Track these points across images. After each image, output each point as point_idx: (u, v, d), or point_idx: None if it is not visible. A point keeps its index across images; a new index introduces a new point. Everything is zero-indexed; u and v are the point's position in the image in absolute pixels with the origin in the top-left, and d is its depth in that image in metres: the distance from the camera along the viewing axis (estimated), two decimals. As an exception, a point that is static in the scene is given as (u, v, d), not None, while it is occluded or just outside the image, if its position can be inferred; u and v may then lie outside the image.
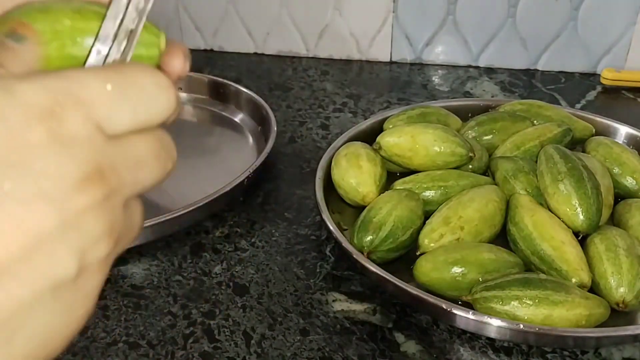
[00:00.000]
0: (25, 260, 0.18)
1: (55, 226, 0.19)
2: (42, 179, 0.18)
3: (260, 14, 1.04)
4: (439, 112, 0.74)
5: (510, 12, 0.97)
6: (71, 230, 0.19)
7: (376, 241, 0.56)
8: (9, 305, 0.18)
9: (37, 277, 0.19)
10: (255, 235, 0.64)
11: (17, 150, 0.18)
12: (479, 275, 0.53)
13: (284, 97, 0.93)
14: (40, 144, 0.19)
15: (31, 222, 0.18)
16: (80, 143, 0.19)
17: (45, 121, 0.19)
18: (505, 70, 1.01)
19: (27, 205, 0.18)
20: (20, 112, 0.19)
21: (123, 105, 0.21)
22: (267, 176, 0.74)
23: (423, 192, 0.63)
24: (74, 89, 0.20)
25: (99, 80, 0.20)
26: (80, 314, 0.21)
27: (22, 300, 0.19)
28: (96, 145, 0.20)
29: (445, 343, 0.52)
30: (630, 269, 0.52)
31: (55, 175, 0.19)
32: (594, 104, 0.92)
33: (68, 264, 0.19)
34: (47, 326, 0.20)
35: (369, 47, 1.04)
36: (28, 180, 0.18)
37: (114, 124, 0.20)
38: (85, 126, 0.20)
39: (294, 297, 0.57)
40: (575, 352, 0.51)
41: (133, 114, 0.21)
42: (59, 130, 0.19)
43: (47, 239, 0.19)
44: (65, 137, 0.19)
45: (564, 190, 0.59)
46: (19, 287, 0.18)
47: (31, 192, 0.18)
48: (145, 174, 0.22)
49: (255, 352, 0.51)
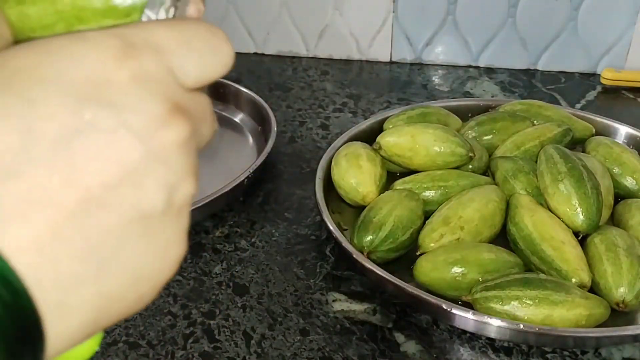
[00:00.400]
0: (112, 189, 0.18)
1: (141, 158, 0.19)
2: (124, 112, 0.18)
3: (260, 14, 1.04)
4: (439, 112, 0.74)
5: (510, 12, 0.97)
6: (158, 163, 0.19)
7: (376, 241, 0.56)
8: (97, 232, 0.18)
9: (125, 206, 0.18)
10: (255, 235, 0.64)
11: (95, 86, 0.18)
12: (479, 275, 0.53)
13: (284, 97, 0.93)
14: (119, 80, 0.19)
15: (116, 151, 0.18)
16: (158, 82, 0.19)
17: (121, 60, 0.19)
18: (505, 70, 1.01)
19: (111, 135, 0.18)
20: (95, 52, 0.19)
21: (191, 54, 0.21)
22: (267, 176, 0.74)
23: (423, 192, 0.63)
24: (145, 36, 0.20)
25: (167, 30, 0.21)
26: (170, 256, 0.21)
27: (110, 228, 0.18)
28: (173, 87, 0.20)
29: (445, 343, 0.52)
30: (630, 269, 0.52)
31: (138, 109, 0.19)
32: (594, 104, 0.92)
33: (155, 195, 0.19)
34: (137, 262, 0.19)
35: (369, 47, 1.04)
36: (110, 112, 0.18)
37: (183, 73, 0.21)
38: (160, 68, 0.20)
39: (294, 297, 0.57)
40: (575, 352, 0.51)
41: (199, 63, 0.21)
42: (135, 69, 0.19)
43: (133, 170, 0.18)
44: (142, 76, 0.19)
45: (564, 190, 0.59)
46: (106, 215, 0.18)
47: (114, 123, 0.18)
48: (205, 128, 0.22)
49: (255, 352, 0.51)
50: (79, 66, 0.18)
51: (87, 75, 0.18)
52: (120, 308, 0.20)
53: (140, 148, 0.18)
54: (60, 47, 0.18)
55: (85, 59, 0.18)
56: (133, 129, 0.18)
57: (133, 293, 0.20)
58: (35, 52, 0.18)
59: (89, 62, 0.18)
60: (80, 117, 0.18)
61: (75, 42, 0.19)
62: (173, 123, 0.19)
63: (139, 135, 0.18)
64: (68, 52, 0.18)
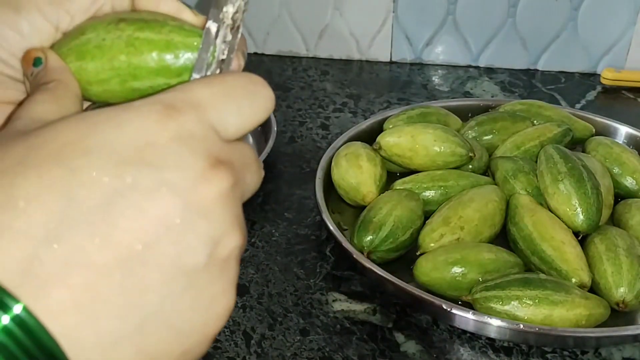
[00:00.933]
0: (153, 247, 0.19)
1: (181, 214, 0.19)
2: (164, 171, 0.19)
3: (260, 14, 1.04)
4: (439, 112, 0.74)
5: (510, 12, 0.97)
6: (198, 218, 0.19)
7: (376, 241, 0.56)
8: (138, 290, 0.19)
9: (166, 263, 0.19)
10: (255, 235, 0.64)
11: (137, 150, 0.19)
12: (479, 275, 0.53)
13: (284, 97, 0.93)
14: (159, 142, 0.20)
15: (156, 209, 0.19)
16: (199, 139, 0.20)
17: (162, 122, 0.20)
18: (505, 70, 1.01)
19: (151, 194, 0.19)
20: (138, 118, 0.20)
21: (230, 105, 0.22)
22: (267, 176, 0.73)
23: (423, 192, 0.63)
24: (185, 96, 0.21)
25: (205, 86, 0.22)
26: (216, 309, 0.21)
27: (151, 285, 0.19)
28: (213, 141, 0.21)
29: (445, 343, 0.52)
30: (630, 269, 0.52)
31: (178, 166, 0.19)
32: (594, 104, 0.91)
33: (197, 250, 0.20)
34: (180, 317, 0.20)
35: (369, 47, 1.04)
36: (150, 172, 0.19)
37: (224, 125, 0.22)
38: (200, 125, 0.21)
39: (294, 297, 0.57)
40: (575, 352, 0.51)
41: (239, 113, 0.22)
42: (175, 129, 0.20)
43: (174, 226, 0.19)
44: (183, 134, 0.20)
45: (564, 190, 0.59)
46: (147, 273, 0.19)
47: (154, 182, 0.19)
48: (251, 176, 0.23)
49: (255, 352, 0.51)
50: (122, 134, 0.19)
51: (129, 141, 0.19)
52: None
53: (180, 204, 0.19)
54: (107, 119, 0.20)
55: (128, 126, 0.20)
56: (173, 186, 0.19)
57: (177, 348, 0.20)
58: (84, 124, 0.20)
59: (132, 129, 0.20)
60: (122, 181, 0.19)
61: (120, 113, 0.20)
62: (214, 177, 0.20)
63: (179, 192, 0.19)
64: (113, 122, 0.20)
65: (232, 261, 0.21)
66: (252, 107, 0.23)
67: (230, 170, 0.21)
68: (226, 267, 0.21)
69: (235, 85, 0.22)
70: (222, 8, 0.26)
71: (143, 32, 0.26)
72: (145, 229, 0.19)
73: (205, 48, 0.26)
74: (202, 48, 0.26)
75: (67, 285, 0.18)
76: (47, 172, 0.18)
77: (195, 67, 0.26)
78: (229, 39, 0.26)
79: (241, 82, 0.23)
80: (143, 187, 0.19)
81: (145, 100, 0.21)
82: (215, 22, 0.26)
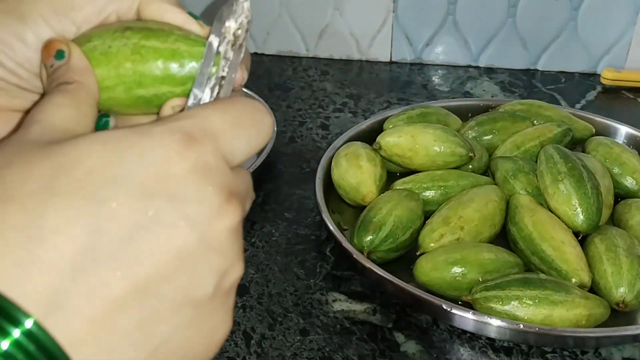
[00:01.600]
0: (168, 279, 0.20)
1: (197, 248, 0.20)
2: (184, 204, 0.20)
3: (260, 14, 1.04)
4: (439, 112, 0.74)
5: (510, 12, 0.97)
6: (212, 251, 0.21)
7: (376, 241, 0.56)
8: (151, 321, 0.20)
9: (178, 294, 0.20)
10: (255, 235, 0.64)
11: (159, 181, 0.20)
12: (479, 275, 0.53)
13: (284, 97, 0.93)
14: (180, 174, 0.20)
15: (175, 244, 0.20)
16: (213, 170, 0.21)
17: (182, 154, 0.21)
18: (505, 70, 1.01)
19: (171, 229, 0.20)
20: (160, 149, 0.20)
21: (240, 134, 0.23)
22: (267, 176, 0.74)
23: (423, 192, 0.63)
24: (203, 125, 0.22)
25: (220, 114, 0.23)
26: (216, 336, 0.22)
27: (163, 316, 0.20)
28: (225, 172, 0.22)
29: (445, 343, 0.52)
30: (630, 269, 0.52)
31: (197, 200, 0.20)
32: (594, 104, 0.91)
33: (207, 281, 0.21)
34: (186, 345, 0.21)
35: (369, 47, 1.04)
36: (171, 205, 0.20)
37: (233, 154, 0.23)
38: (216, 156, 0.21)
39: (294, 297, 0.57)
40: (575, 352, 0.51)
41: (247, 142, 0.23)
42: (194, 161, 0.21)
43: (189, 259, 0.20)
44: (201, 166, 0.21)
45: (564, 190, 0.59)
46: (160, 304, 0.20)
47: (175, 216, 0.20)
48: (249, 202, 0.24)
49: (255, 352, 0.51)
50: (144, 164, 0.20)
51: (151, 172, 0.20)
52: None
53: (196, 238, 0.20)
54: (129, 147, 0.20)
55: (152, 157, 0.20)
56: (192, 220, 0.20)
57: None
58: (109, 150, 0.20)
59: (155, 160, 0.20)
60: (144, 214, 0.19)
61: (142, 140, 0.21)
62: (227, 212, 0.21)
63: (197, 226, 0.20)
64: (136, 151, 0.20)
65: (233, 290, 0.22)
66: (259, 136, 0.24)
67: (241, 203, 0.22)
68: (228, 296, 0.22)
69: (244, 114, 0.23)
70: (225, 22, 0.26)
71: (149, 41, 0.27)
72: (164, 261, 0.20)
73: (206, 62, 0.26)
74: (204, 62, 0.26)
75: (89, 318, 0.19)
76: (74, 202, 0.19)
77: (195, 81, 0.26)
78: (229, 55, 0.26)
79: (249, 110, 0.24)
80: (164, 221, 0.20)
81: (164, 127, 0.21)
82: (217, 36, 0.26)
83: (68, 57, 0.26)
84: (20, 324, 0.18)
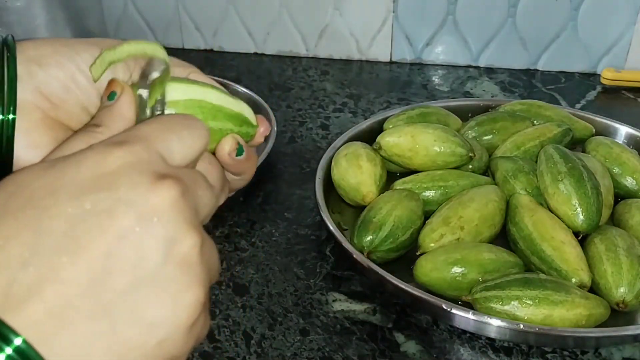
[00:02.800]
0: (115, 255, 0.22)
1: (137, 223, 0.22)
2: (119, 191, 0.23)
3: (260, 14, 1.04)
4: (439, 112, 0.74)
5: (510, 12, 0.97)
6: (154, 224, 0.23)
7: (376, 241, 0.56)
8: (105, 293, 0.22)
9: (127, 266, 0.22)
10: (255, 235, 0.64)
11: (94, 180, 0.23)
12: (478, 275, 0.53)
13: (284, 97, 0.93)
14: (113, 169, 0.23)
15: (115, 225, 0.22)
16: (146, 162, 0.24)
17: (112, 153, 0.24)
18: (505, 70, 1.01)
19: (108, 212, 0.22)
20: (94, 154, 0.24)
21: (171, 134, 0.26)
22: (267, 176, 0.74)
23: (423, 192, 0.63)
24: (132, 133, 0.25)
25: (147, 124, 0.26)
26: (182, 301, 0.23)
27: (117, 287, 0.22)
28: (159, 162, 0.25)
29: (445, 343, 0.52)
30: (630, 269, 0.52)
31: (129, 185, 0.23)
32: (594, 104, 0.92)
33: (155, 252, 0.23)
34: (148, 310, 0.22)
35: (369, 47, 1.04)
36: (105, 195, 0.23)
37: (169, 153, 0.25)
38: (148, 152, 0.24)
39: (294, 297, 0.57)
40: (575, 352, 0.51)
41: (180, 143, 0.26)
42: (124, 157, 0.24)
43: (132, 235, 0.22)
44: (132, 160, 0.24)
45: (564, 190, 0.59)
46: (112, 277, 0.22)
47: (110, 202, 0.22)
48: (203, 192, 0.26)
49: (255, 352, 0.51)
50: (82, 170, 0.23)
51: (89, 175, 0.23)
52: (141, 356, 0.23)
53: (134, 216, 0.22)
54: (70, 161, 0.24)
55: (88, 163, 0.23)
56: (127, 201, 0.23)
57: (151, 339, 0.23)
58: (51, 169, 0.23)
59: (90, 164, 0.23)
60: (82, 208, 0.22)
61: (79, 154, 0.24)
62: (161, 187, 0.23)
63: (132, 205, 0.23)
64: (73, 162, 0.24)
65: (192, 259, 0.24)
66: (191, 136, 0.27)
67: (177, 181, 0.24)
68: (187, 264, 0.23)
69: (172, 120, 0.27)
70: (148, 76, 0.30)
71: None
72: (107, 242, 0.22)
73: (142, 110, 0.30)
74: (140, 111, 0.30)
75: (42, 299, 0.21)
76: (22, 214, 0.22)
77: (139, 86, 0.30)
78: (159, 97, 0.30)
79: (178, 118, 0.27)
80: (100, 209, 0.22)
81: (102, 142, 0.25)
82: (144, 88, 0.30)
83: (116, 100, 0.29)
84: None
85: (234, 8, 1.04)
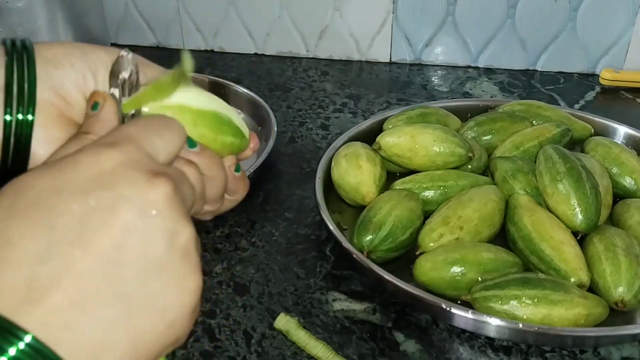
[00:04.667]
0: (123, 246, 0.24)
1: (139, 216, 0.24)
2: (119, 189, 0.25)
3: (260, 15, 1.04)
4: (439, 112, 0.74)
5: (509, 12, 0.97)
6: (154, 217, 0.25)
7: (376, 241, 0.57)
8: (118, 281, 0.24)
9: (136, 256, 0.24)
10: (256, 235, 0.65)
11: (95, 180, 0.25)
12: (478, 274, 0.53)
13: (284, 98, 0.93)
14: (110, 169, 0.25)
15: (119, 219, 0.24)
16: (139, 160, 0.26)
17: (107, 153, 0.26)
18: (504, 71, 1.01)
19: (111, 208, 0.24)
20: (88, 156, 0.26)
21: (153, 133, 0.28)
22: (267, 176, 0.74)
23: (423, 192, 0.63)
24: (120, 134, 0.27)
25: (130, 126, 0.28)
26: (187, 286, 0.26)
27: (129, 276, 0.24)
28: (150, 160, 0.27)
29: (444, 342, 0.52)
30: (628, 269, 0.52)
31: (128, 182, 0.25)
32: (592, 105, 0.92)
33: (159, 242, 0.25)
34: (158, 297, 0.25)
35: (368, 48, 1.04)
36: (108, 192, 0.24)
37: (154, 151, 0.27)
38: (138, 151, 0.26)
39: (294, 297, 0.57)
40: (574, 352, 0.51)
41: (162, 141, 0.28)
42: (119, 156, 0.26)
43: (136, 227, 0.24)
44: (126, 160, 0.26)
45: (563, 190, 0.59)
46: (123, 267, 0.24)
47: (113, 199, 0.24)
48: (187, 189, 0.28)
49: (255, 351, 0.51)
50: (80, 171, 0.25)
51: (88, 175, 0.25)
52: (155, 338, 0.25)
53: (136, 210, 0.24)
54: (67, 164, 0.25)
55: (85, 164, 0.25)
56: (128, 197, 0.24)
57: (161, 322, 0.25)
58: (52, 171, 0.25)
59: (88, 166, 0.25)
60: (87, 204, 0.24)
61: (76, 156, 0.26)
62: (157, 182, 0.25)
63: (133, 200, 0.25)
64: (71, 164, 0.25)
65: (190, 249, 0.26)
66: (171, 134, 0.29)
67: (169, 178, 0.26)
68: (186, 253, 0.26)
69: (151, 121, 0.29)
70: (119, 75, 0.32)
71: None
72: (114, 234, 0.24)
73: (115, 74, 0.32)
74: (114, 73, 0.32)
75: (62, 289, 0.23)
76: (31, 213, 0.24)
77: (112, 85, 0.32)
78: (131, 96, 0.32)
79: (155, 119, 0.29)
80: (104, 205, 0.24)
81: (93, 144, 0.27)
82: (116, 87, 0.32)
83: (99, 110, 0.31)
84: None
85: (234, 9, 1.04)
